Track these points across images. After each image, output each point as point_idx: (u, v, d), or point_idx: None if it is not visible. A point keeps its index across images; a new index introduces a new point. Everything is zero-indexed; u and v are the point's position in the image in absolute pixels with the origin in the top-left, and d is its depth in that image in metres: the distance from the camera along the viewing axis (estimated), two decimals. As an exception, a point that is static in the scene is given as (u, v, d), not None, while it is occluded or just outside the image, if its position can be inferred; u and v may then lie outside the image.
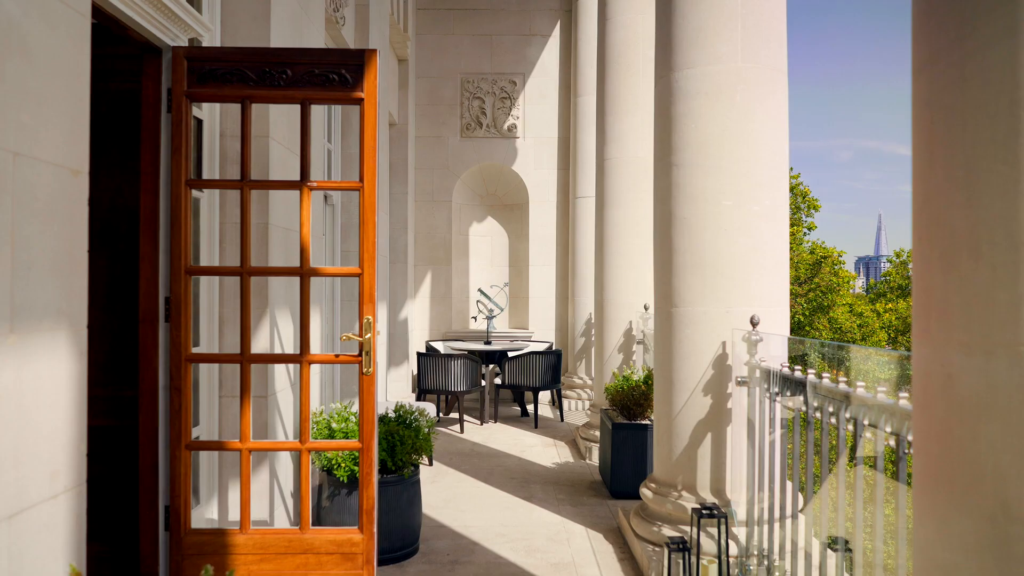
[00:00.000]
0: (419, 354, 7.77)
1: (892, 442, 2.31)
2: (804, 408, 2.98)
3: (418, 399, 7.94)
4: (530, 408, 8.88)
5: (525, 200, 9.93)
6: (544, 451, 6.74)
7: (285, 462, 3.80)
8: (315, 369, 4.62)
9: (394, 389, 8.95)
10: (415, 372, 9.05)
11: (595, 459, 6.30)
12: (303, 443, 3.15)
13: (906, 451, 2.24)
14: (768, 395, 3.40)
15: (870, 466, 2.54)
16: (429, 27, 9.67)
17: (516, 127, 9.78)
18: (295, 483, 3.98)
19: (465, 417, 8.22)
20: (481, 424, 8.00)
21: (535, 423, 7.91)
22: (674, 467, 3.95)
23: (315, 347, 4.44)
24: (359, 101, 3.16)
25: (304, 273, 3.16)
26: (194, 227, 3.50)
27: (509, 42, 9.75)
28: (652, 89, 6.43)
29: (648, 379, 5.37)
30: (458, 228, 10.08)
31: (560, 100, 9.79)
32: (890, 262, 35.53)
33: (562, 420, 8.29)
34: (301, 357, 3.15)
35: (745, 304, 3.76)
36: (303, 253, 3.15)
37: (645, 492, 4.11)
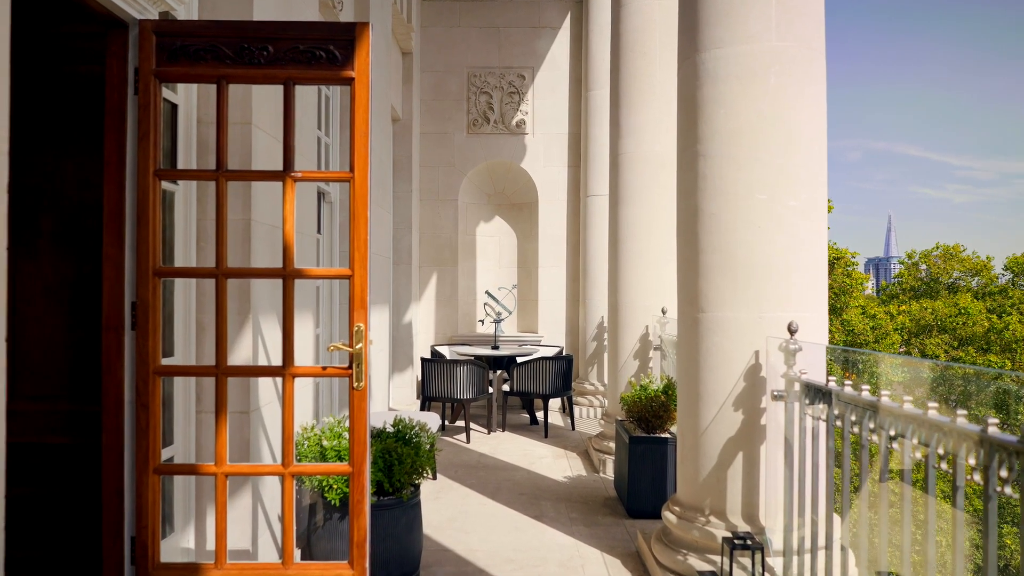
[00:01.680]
0: (423, 360, 7.41)
1: (978, 476, 1.93)
2: (857, 430, 2.60)
3: (422, 407, 7.58)
4: (539, 416, 8.51)
5: (534, 199, 9.56)
6: (555, 463, 6.36)
7: (271, 483, 3.44)
8: (307, 380, 4.26)
9: (398, 396, 8.60)
10: (419, 378, 8.69)
11: (609, 472, 5.92)
12: (286, 466, 2.79)
13: (997, 488, 1.87)
14: (811, 411, 3.02)
15: (947, 500, 2.17)
16: (434, 19, 9.32)
17: (525, 123, 9.41)
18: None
19: (472, 425, 7.86)
20: (488, 433, 7.64)
21: (545, 432, 7.54)
22: (701, 489, 3.57)
23: (307, 358, 4.08)
24: (349, 81, 2.80)
25: (287, 275, 2.80)
26: (168, 224, 3.16)
27: (517, 34, 9.39)
28: (669, 79, 6.07)
29: (668, 389, 4.99)
30: (464, 228, 9.72)
31: (571, 95, 9.42)
32: (902, 263, 34.97)
33: (573, 429, 7.92)
34: (284, 370, 2.79)
35: (780, 309, 3.39)
36: (286, 252, 2.79)
37: (668, 516, 3.73)
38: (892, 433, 2.35)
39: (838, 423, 2.76)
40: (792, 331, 3.18)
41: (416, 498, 3.71)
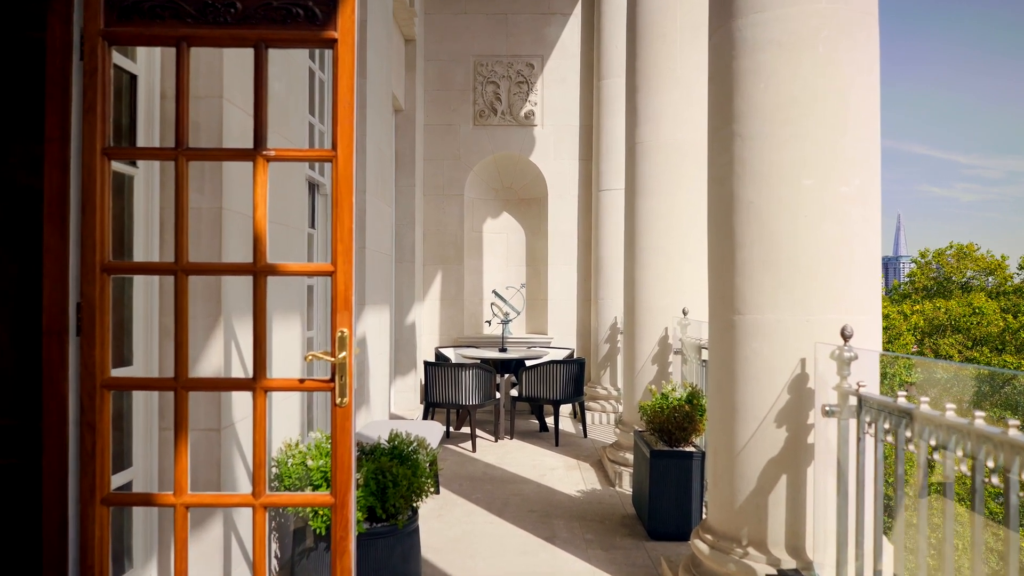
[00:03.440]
0: (426, 364, 6.99)
1: None
2: (939, 456, 2.16)
3: (425, 413, 7.17)
4: (549, 421, 8.08)
5: (544, 193, 9.12)
6: (567, 475, 5.93)
7: (247, 510, 3.03)
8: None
9: (400, 400, 8.19)
10: (423, 382, 8.28)
11: (626, 486, 5.49)
12: (257, 497, 2.37)
13: None
14: (871, 431, 2.59)
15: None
16: (439, 6, 8.89)
17: (534, 114, 8.97)
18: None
19: (478, 432, 7.43)
20: (496, 441, 7.21)
21: (556, 440, 7.11)
22: (737, 515, 3.14)
23: (292, 367, 3.66)
24: (331, 43, 2.38)
25: (258, 271, 2.39)
26: (126, 212, 2.75)
27: (526, 21, 8.95)
28: (691, 62, 5.62)
29: (692, 397, 4.55)
30: (471, 224, 9.29)
31: (582, 84, 8.97)
32: (915, 262, 34.35)
33: (585, 436, 7.48)
34: (254, 383, 2.37)
35: (831, 310, 2.95)
36: (257, 244, 2.38)
37: (699, 545, 3.30)
38: (992, 464, 1.91)
39: (909, 447, 2.33)
40: (846, 336, 2.74)
41: (414, 524, 3.29)
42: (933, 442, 2.19)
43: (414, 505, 3.30)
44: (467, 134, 8.99)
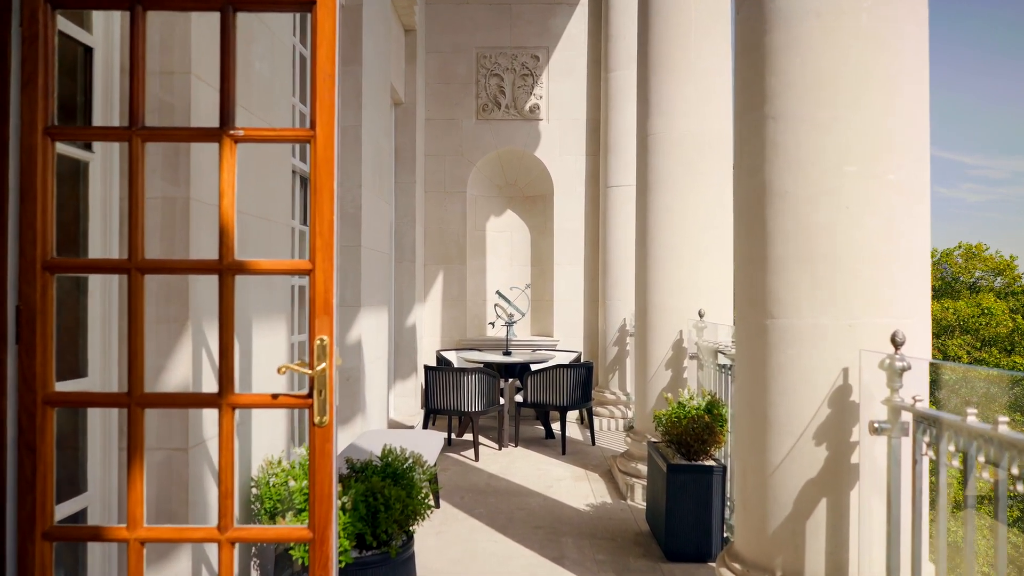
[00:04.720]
0: (427, 368, 6.66)
1: None
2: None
3: (426, 420, 6.84)
4: (555, 428, 7.75)
5: (549, 191, 8.79)
6: (575, 486, 5.60)
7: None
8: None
9: (400, 405, 7.87)
10: (424, 386, 7.96)
11: (638, 499, 5.16)
12: (223, 531, 2.05)
13: None
14: (930, 453, 2.26)
15: None
16: (440, -5, 8.57)
17: (539, 108, 8.64)
18: (240, 561, 2.90)
19: (481, 439, 7.10)
20: (499, 448, 6.88)
21: (562, 448, 6.77)
22: (770, 543, 2.80)
23: (275, 377, 3.33)
24: (309, 5, 2.06)
25: (224, 269, 2.07)
26: (80, 202, 2.43)
27: (530, 11, 8.61)
28: (707, 50, 5.28)
29: (711, 407, 4.22)
30: (473, 222, 8.96)
31: (589, 77, 8.63)
32: (922, 262, 33.94)
33: (593, 443, 7.14)
34: (220, 399, 2.05)
35: (877, 313, 2.62)
36: (223, 238, 2.05)
37: (725, 574, 2.97)
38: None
39: (984, 475, 2.00)
40: (897, 343, 2.42)
41: (409, 550, 2.97)
42: (1015, 470, 1.86)
43: (409, 530, 2.98)
44: (470, 129, 8.66)
